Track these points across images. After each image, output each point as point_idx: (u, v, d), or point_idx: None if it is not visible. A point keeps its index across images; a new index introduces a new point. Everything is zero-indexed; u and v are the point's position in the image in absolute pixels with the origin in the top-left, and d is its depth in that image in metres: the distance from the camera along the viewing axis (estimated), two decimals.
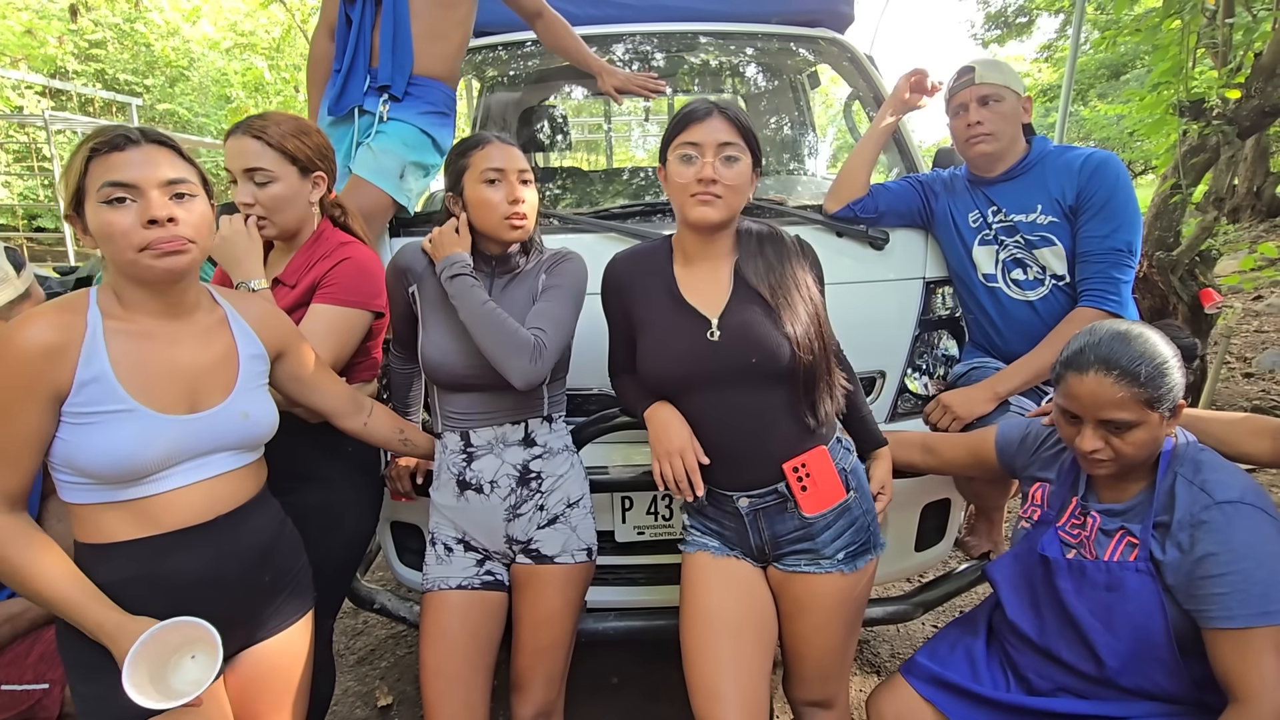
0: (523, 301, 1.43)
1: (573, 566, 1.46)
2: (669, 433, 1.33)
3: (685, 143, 1.30)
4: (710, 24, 2.65)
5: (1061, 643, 1.24)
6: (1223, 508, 1.09)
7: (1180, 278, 3.69)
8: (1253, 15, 3.54)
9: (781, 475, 1.33)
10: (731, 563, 1.40)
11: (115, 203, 1.02)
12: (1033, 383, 1.72)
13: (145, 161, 1.04)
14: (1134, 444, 1.14)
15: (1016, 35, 16.45)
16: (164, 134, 1.09)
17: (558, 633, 1.45)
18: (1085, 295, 1.69)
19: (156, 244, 1.03)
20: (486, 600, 1.45)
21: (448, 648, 1.40)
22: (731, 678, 1.29)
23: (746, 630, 1.34)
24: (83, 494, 1.05)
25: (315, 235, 1.53)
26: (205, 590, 1.11)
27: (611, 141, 4.93)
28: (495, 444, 1.44)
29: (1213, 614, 1.08)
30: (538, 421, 1.47)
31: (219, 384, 1.14)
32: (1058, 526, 1.27)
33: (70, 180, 1.04)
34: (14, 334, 0.99)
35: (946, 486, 1.86)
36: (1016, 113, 1.76)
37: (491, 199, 1.37)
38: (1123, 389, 1.11)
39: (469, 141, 1.42)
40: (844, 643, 1.41)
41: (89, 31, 12.13)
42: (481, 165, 1.37)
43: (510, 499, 1.44)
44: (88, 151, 1.03)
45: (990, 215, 1.80)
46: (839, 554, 1.35)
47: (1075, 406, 1.17)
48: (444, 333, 1.41)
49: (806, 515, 1.33)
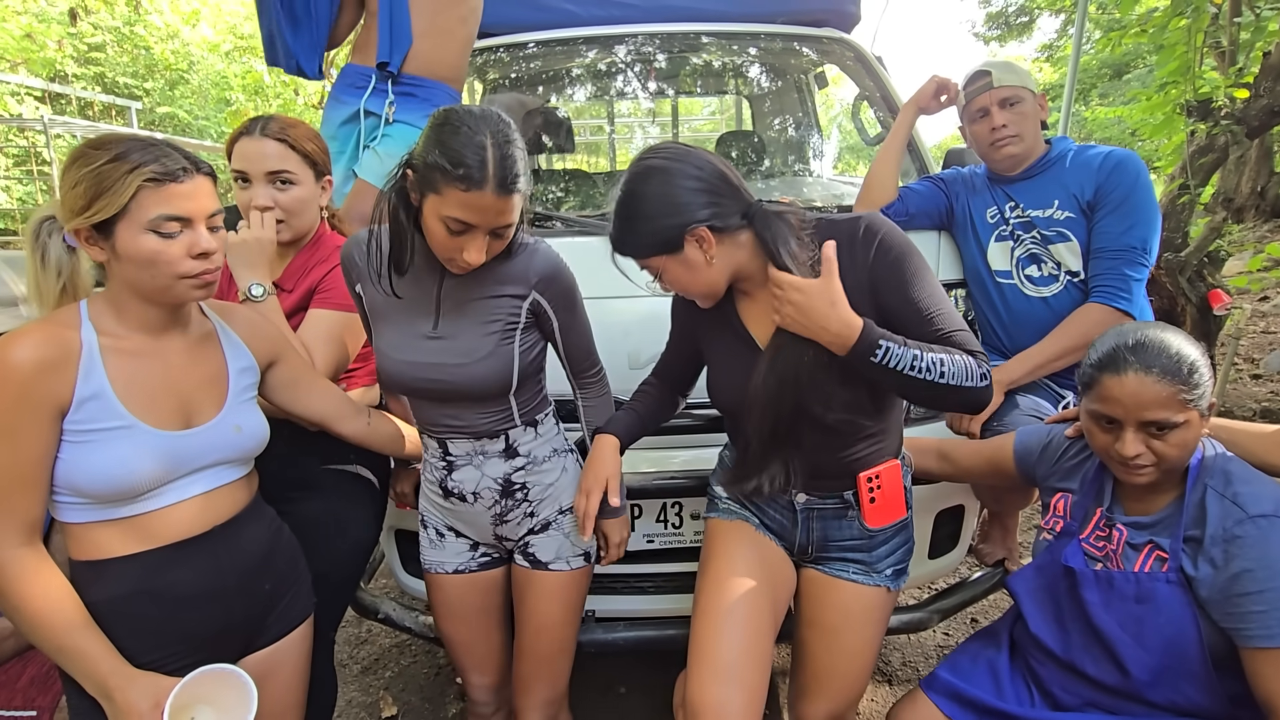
0: (481, 315, 1.25)
1: (569, 573, 1.42)
2: (595, 465, 1.34)
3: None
4: (715, 24, 2.62)
5: (1087, 657, 1.20)
6: (1257, 522, 1.05)
7: (1189, 279, 3.66)
8: (1256, 15, 3.52)
9: (851, 483, 1.31)
10: (766, 542, 1.38)
11: (166, 232, 1.02)
12: (1035, 374, 1.71)
13: (199, 194, 1.05)
14: (1177, 445, 1.10)
15: (1017, 35, 16.46)
16: (205, 162, 1.08)
17: (558, 639, 1.44)
18: (1096, 291, 1.66)
19: (202, 275, 1.06)
20: (489, 578, 1.46)
21: (461, 619, 1.46)
22: (746, 655, 1.24)
23: (767, 610, 1.30)
24: (80, 513, 1.03)
25: (315, 239, 1.51)
26: (205, 601, 1.10)
27: (614, 143, 4.91)
28: (474, 455, 1.35)
29: (1251, 632, 1.04)
30: (518, 430, 1.36)
31: (211, 399, 1.14)
32: (1081, 538, 1.23)
33: (112, 204, 0.98)
34: (7, 352, 0.96)
35: (960, 492, 1.83)
36: (1035, 112, 1.76)
37: (445, 242, 1.14)
38: (1165, 387, 1.08)
39: (457, 161, 1.07)
40: (874, 661, 1.39)
41: (88, 35, 12.10)
42: (451, 209, 1.09)
43: (495, 508, 1.38)
44: (141, 180, 0.99)
45: (1008, 211, 1.79)
46: (889, 569, 1.35)
47: (1115, 410, 1.13)
48: (395, 341, 1.28)
49: (870, 527, 1.32)
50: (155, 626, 1.07)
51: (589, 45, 2.64)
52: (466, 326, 1.26)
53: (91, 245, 1.03)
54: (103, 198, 0.99)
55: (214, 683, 1.04)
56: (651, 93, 2.95)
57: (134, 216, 1.00)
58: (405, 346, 1.27)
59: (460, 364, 1.25)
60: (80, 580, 1.03)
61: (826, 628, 1.36)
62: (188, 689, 1.01)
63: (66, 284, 1.10)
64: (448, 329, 1.26)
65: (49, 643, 0.99)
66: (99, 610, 1.02)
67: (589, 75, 2.91)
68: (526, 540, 1.42)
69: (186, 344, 1.13)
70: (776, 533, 1.39)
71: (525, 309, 1.27)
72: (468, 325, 1.26)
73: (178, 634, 1.09)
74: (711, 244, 1.15)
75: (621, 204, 1.17)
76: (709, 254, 1.16)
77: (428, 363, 1.25)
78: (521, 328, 1.28)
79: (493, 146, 1.08)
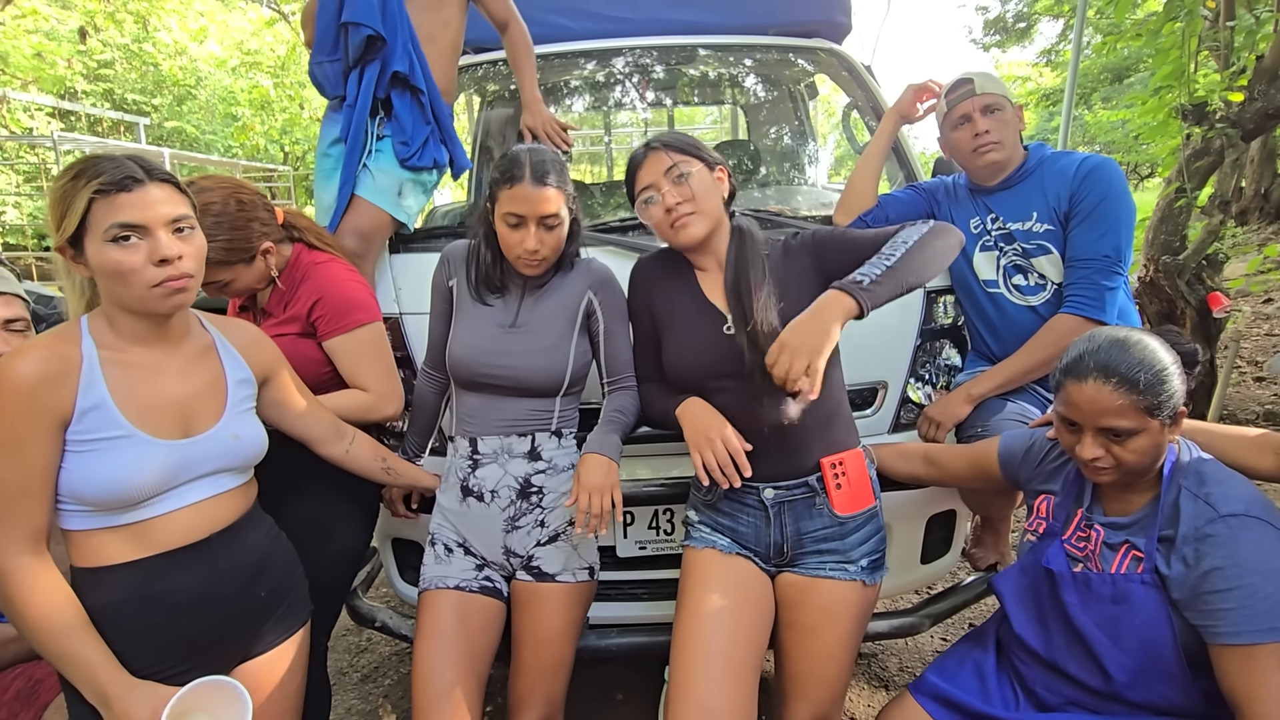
0: (553, 311, 1.46)
1: (574, 586, 1.45)
2: (704, 422, 1.34)
3: (640, 189, 1.40)
4: (707, 37, 2.66)
5: (1069, 657, 1.22)
6: (1228, 521, 1.07)
7: (1188, 282, 3.66)
8: (1255, 18, 3.52)
9: (814, 468, 1.36)
10: (740, 563, 1.40)
11: (122, 241, 1.03)
12: (1007, 386, 1.72)
13: (152, 202, 1.05)
14: (1135, 451, 1.12)
15: (1017, 41, 16.48)
16: (164, 169, 1.10)
17: (559, 653, 1.44)
18: (1068, 302, 1.67)
19: (167, 282, 1.05)
20: (484, 606, 1.44)
21: (443, 650, 1.36)
22: (726, 690, 1.26)
23: (744, 640, 1.32)
24: (81, 520, 1.06)
25: (292, 263, 1.54)
26: (202, 607, 1.13)
27: (612, 154, 4.95)
28: (500, 454, 1.45)
29: (1219, 629, 1.06)
30: (545, 435, 1.47)
31: (209, 409, 1.16)
32: (1063, 539, 1.25)
33: (71, 220, 1.03)
34: (10, 366, 1.00)
35: (952, 497, 1.85)
36: (1015, 121, 1.77)
37: (509, 240, 1.39)
38: (1122, 396, 1.10)
39: (504, 169, 1.38)
40: (853, 662, 1.40)
41: (97, 52, 12.29)
42: (506, 206, 1.37)
43: (510, 510, 1.44)
44: (91, 193, 1.02)
45: (989, 223, 1.80)
46: (863, 560, 1.38)
47: (1075, 414, 1.16)
48: (472, 330, 1.46)
49: (839, 514, 1.36)
50: (153, 632, 1.09)
51: (586, 59, 2.68)
52: (537, 326, 1.46)
53: (76, 263, 1.07)
54: (66, 216, 1.03)
55: (211, 694, 1.06)
56: (648, 104, 2.98)
57: (93, 230, 1.03)
58: (482, 336, 1.45)
59: (527, 354, 1.43)
60: (81, 587, 1.06)
61: (804, 629, 1.38)
62: (185, 699, 1.03)
63: (90, 301, 1.13)
64: (521, 325, 1.46)
65: (49, 648, 1.02)
66: (98, 616, 1.05)
67: (586, 88, 2.95)
68: (533, 554, 1.45)
69: (185, 355, 1.16)
70: (751, 543, 1.41)
71: (582, 309, 1.48)
72: (538, 325, 1.46)
73: (175, 640, 1.11)
74: (727, 185, 1.43)
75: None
76: (724, 189, 1.42)
77: (498, 349, 1.44)
78: (578, 329, 1.47)
79: (529, 155, 1.37)
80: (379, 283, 1.88)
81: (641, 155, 1.41)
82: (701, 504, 1.47)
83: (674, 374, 1.43)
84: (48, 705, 1.35)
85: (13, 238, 10.13)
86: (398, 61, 1.74)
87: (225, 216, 1.41)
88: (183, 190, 1.11)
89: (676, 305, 1.45)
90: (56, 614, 1.02)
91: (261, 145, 13.12)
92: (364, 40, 1.71)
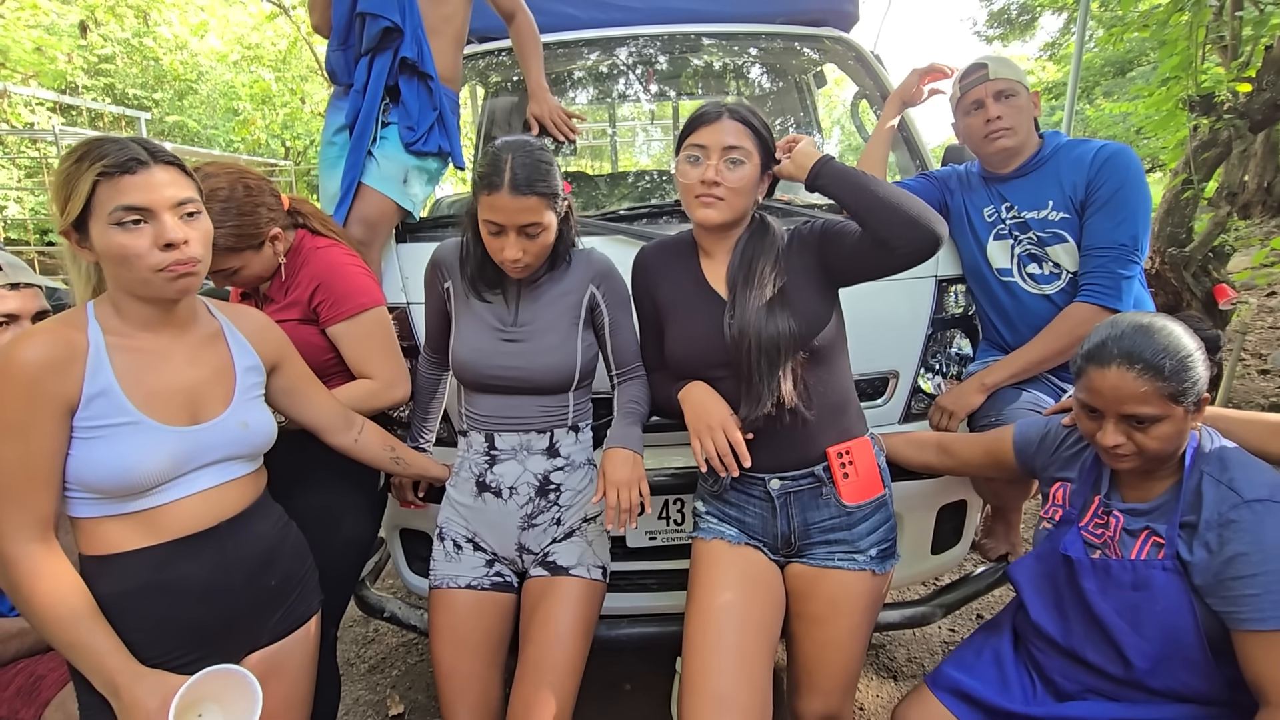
0: (555, 308, 1.43)
1: (588, 582, 1.43)
2: (706, 408, 1.32)
3: (693, 144, 1.34)
4: (714, 25, 2.64)
5: (1088, 644, 1.21)
6: (1252, 506, 1.06)
7: (1194, 274, 3.65)
8: (1260, 9, 3.51)
9: (820, 458, 1.34)
10: (749, 553, 1.39)
11: (128, 225, 1.02)
12: (1021, 376, 1.71)
13: (157, 184, 1.03)
14: (1158, 438, 1.11)
15: (1020, 34, 16.43)
16: (168, 151, 1.08)
17: (568, 651, 1.36)
18: (1083, 290, 1.66)
19: (173, 266, 1.04)
20: (497, 601, 1.44)
21: (461, 647, 1.39)
22: (740, 681, 1.25)
23: (755, 631, 1.31)
24: (89, 508, 1.05)
25: (294, 249, 1.53)
26: (211, 595, 1.12)
27: (617, 145, 4.93)
28: (519, 450, 1.44)
29: (1243, 615, 1.05)
30: (563, 431, 1.46)
31: (218, 395, 1.15)
32: (1080, 526, 1.24)
33: (76, 202, 1.02)
34: (16, 352, 0.99)
35: (963, 488, 1.84)
36: (1029, 107, 1.75)
37: (491, 245, 1.35)
38: (1146, 383, 1.09)
39: (484, 173, 1.30)
40: (863, 652, 1.39)
41: (98, 47, 12.27)
42: (485, 213, 1.32)
43: (528, 507, 1.43)
44: (95, 175, 1.00)
45: (1004, 211, 1.78)
46: (872, 549, 1.35)
47: (1097, 401, 1.14)
48: (475, 332, 1.43)
49: (847, 504, 1.34)
50: (162, 620, 1.08)
51: (590, 48, 2.66)
52: (539, 325, 1.42)
53: (81, 248, 1.06)
54: (70, 199, 1.02)
55: (220, 682, 1.05)
56: (653, 94, 2.96)
57: (97, 213, 1.02)
58: (486, 339, 1.42)
59: (533, 355, 1.40)
60: (89, 575, 1.05)
61: (814, 619, 1.37)
62: (194, 688, 1.02)
63: (96, 287, 1.12)
64: (523, 325, 1.42)
65: (58, 637, 1.01)
66: (107, 604, 1.04)
67: (590, 78, 2.93)
68: (548, 550, 1.44)
69: (193, 342, 1.15)
70: (759, 534, 1.39)
71: (585, 304, 1.44)
72: (540, 324, 1.42)
73: (184, 628, 1.10)
74: (764, 190, 1.41)
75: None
76: (760, 191, 1.40)
77: (504, 351, 1.41)
78: (582, 323, 1.44)
79: (511, 158, 1.28)
80: (385, 272, 1.87)
81: (715, 115, 1.32)
82: (708, 494, 1.45)
83: (675, 362, 1.42)
84: (49, 702, 1.33)
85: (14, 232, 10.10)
86: (406, 48, 1.73)
87: (233, 202, 1.40)
88: (188, 174, 1.09)
89: (679, 293, 1.43)
90: (65, 602, 1.00)
91: (263, 140, 13.06)
92: (380, 31, 1.70)
